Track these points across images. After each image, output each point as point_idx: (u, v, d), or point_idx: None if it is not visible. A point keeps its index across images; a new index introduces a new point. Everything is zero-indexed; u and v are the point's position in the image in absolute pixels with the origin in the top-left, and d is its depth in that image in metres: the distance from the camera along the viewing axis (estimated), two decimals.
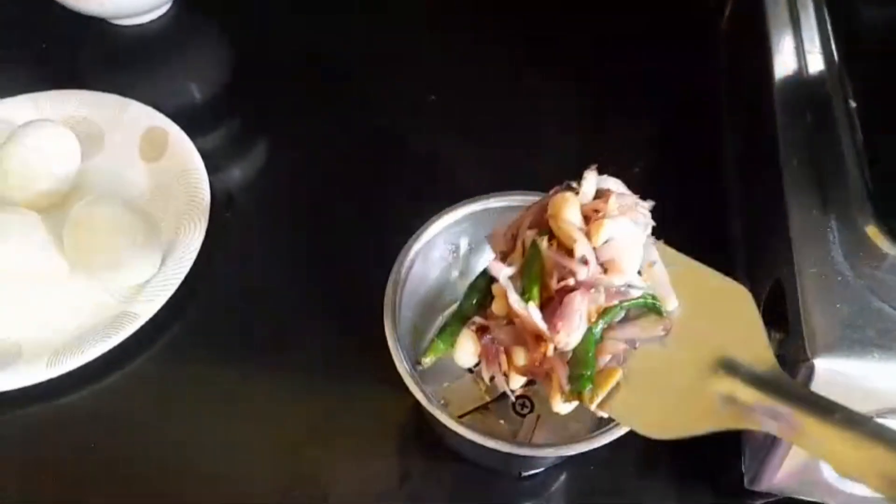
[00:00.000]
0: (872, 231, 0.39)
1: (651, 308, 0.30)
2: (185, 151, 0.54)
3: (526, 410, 0.42)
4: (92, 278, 0.47)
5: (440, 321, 0.43)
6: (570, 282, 0.28)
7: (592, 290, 0.28)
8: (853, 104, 0.44)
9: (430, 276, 0.42)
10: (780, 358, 0.37)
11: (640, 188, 0.54)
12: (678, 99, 0.61)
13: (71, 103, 0.56)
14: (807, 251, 0.38)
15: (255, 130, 0.60)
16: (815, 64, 0.47)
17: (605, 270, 0.29)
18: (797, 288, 0.37)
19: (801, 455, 0.38)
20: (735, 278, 0.45)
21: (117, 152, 0.55)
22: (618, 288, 0.29)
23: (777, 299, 0.38)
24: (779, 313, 0.38)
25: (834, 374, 0.34)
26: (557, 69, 0.63)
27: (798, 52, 0.49)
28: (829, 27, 0.49)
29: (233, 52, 0.67)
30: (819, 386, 0.34)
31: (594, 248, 0.29)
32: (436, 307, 0.43)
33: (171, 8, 0.66)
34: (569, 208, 0.29)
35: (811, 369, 0.34)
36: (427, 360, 0.33)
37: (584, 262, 0.28)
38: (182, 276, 0.48)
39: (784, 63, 0.48)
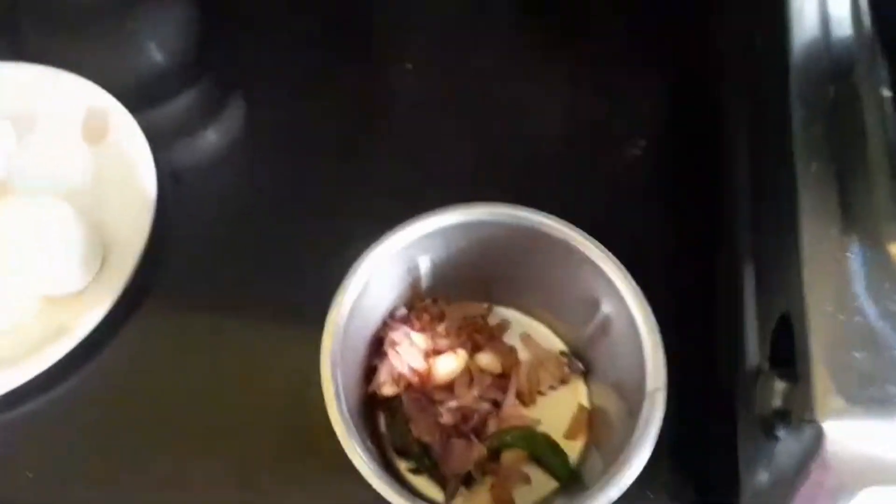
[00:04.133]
0: None
1: None
2: (128, 133, 0.48)
3: None
4: (20, 287, 0.43)
5: None
6: None
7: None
8: (887, 94, 0.38)
9: (386, 302, 0.37)
10: (785, 413, 0.32)
11: (641, 177, 0.50)
12: (679, 72, 0.54)
13: (2, 78, 0.50)
14: (820, 281, 0.32)
15: (216, 105, 0.54)
16: (843, 39, 0.41)
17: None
18: (806, 329, 0.31)
19: None
20: (740, 304, 0.40)
21: (57, 134, 0.49)
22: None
23: (784, 338, 0.33)
24: (785, 356, 0.32)
25: (847, 439, 0.29)
26: (548, 40, 0.56)
27: (822, 23, 0.41)
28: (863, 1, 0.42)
29: (195, 13, 0.60)
30: (829, 452, 0.29)
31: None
32: None
33: None
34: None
35: (819, 432, 0.29)
36: None
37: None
38: (123, 284, 0.43)
39: (805, 36, 0.41)
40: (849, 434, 0.29)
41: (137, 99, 0.51)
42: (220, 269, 0.46)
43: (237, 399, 0.41)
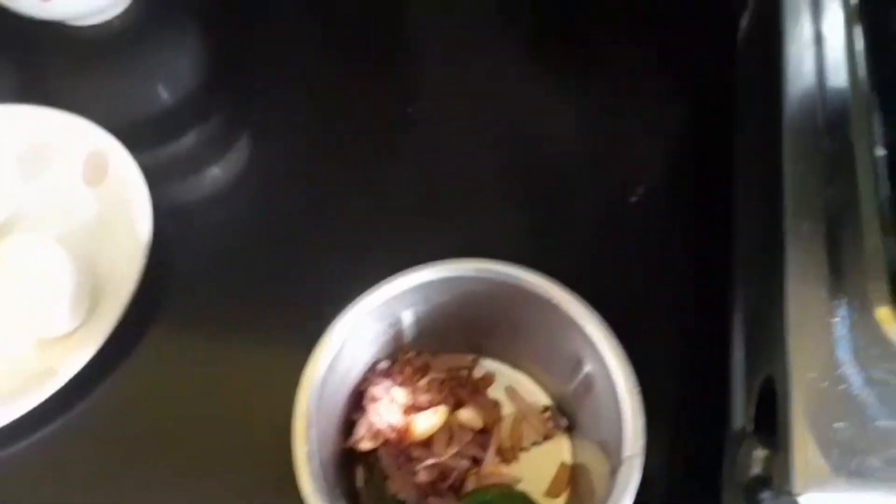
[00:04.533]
0: (886, 317, 0.32)
1: None
2: (126, 174, 0.49)
3: None
4: (8, 329, 0.43)
5: None
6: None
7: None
8: (881, 152, 0.37)
9: (368, 355, 0.36)
10: (766, 480, 0.31)
11: (635, 226, 0.50)
12: (688, 118, 0.54)
13: (8, 120, 0.51)
14: (805, 346, 0.32)
15: (222, 142, 0.54)
16: (839, 96, 0.40)
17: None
18: (789, 395, 0.30)
19: None
20: (729, 364, 0.40)
21: (59, 175, 0.50)
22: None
23: (767, 402, 0.32)
24: (768, 421, 0.32)
25: None
26: (552, 77, 0.56)
27: (819, 80, 0.41)
28: (859, 50, 0.41)
29: (204, 50, 0.61)
30: None
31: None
32: None
33: (133, 4, 0.60)
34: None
35: None
36: None
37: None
38: (112, 326, 0.43)
39: (799, 93, 0.41)
40: None
41: (143, 137, 0.52)
42: (217, 307, 0.46)
43: (229, 438, 0.41)
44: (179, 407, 0.43)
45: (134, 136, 0.50)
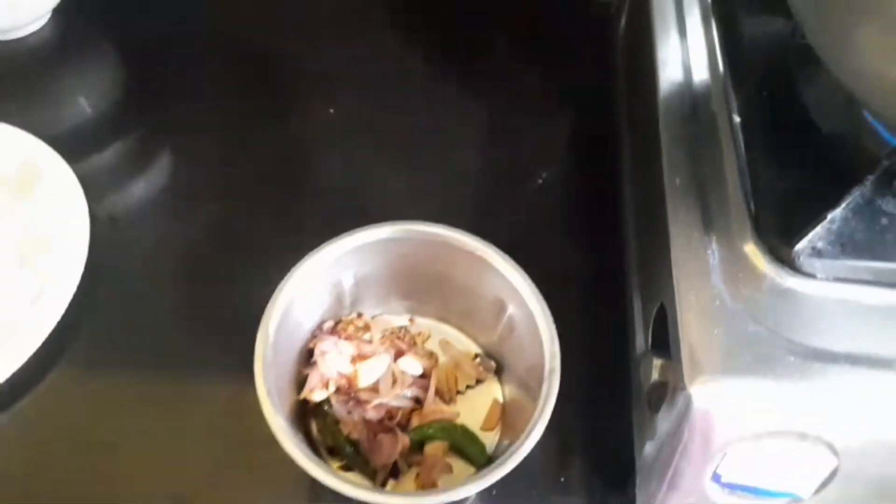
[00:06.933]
0: (751, 249, 0.39)
1: None
2: (63, 184, 0.50)
3: None
4: None
5: None
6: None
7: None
8: (737, 119, 0.45)
9: (314, 317, 0.40)
10: (663, 385, 0.37)
11: (543, 204, 0.56)
12: (583, 109, 0.61)
13: None
14: (687, 276, 0.38)
15: (147, 155, 0.57)
16: (701, 78, 0.48)
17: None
18: (677, 315, 0.37)
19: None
20: (630, 301, 0.46)
21: None
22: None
23: (662, 325, 0.39)
24: (663, 339, 0.38)
25: (710, 400, 0.34)
26: (455, 80, 0.62)
27: (684, 66, 0.49)
28: (716, 40, 0.49)
29: (120, 66, 0.63)
30: (698, 411, 0.34)
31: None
32: None
33: (50, 20, 0.62)
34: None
35: (688, 397, 0.34)
36: None
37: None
38: (42, 339, 0.44)
39: (670, 77, 0.48)
40: (711, 396, 0.34)
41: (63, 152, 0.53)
42: (146, 316, 0.48)
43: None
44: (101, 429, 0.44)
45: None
